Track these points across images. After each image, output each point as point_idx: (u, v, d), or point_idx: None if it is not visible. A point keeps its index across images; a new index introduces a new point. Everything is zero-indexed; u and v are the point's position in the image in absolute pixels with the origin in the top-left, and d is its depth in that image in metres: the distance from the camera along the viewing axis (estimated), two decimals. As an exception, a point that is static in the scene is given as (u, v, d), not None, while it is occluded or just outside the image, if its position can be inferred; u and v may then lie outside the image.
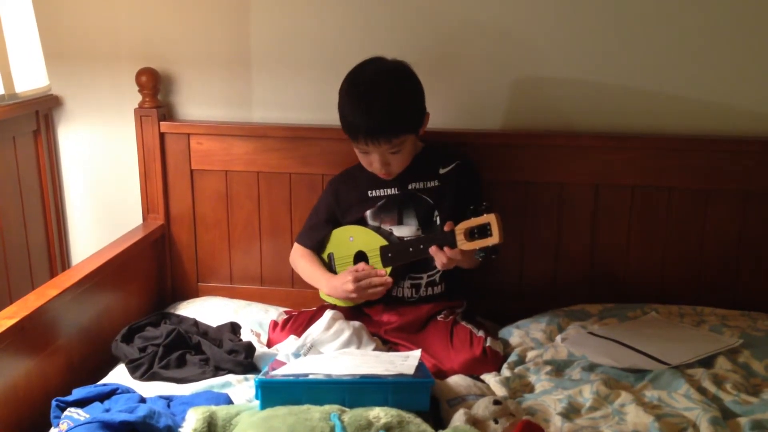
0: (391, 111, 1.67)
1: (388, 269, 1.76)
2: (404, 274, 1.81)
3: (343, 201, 1.87)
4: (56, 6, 2.07)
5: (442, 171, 1.81)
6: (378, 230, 1.81)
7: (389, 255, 1.76)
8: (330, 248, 1.89)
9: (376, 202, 1.82)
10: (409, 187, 1.81)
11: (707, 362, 1.58)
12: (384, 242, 1.77)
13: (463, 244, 1.63)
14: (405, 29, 1.96)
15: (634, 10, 1.88)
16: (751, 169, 1.87)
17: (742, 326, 1.76)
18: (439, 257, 1.66)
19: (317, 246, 1.91)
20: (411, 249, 1.72)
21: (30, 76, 1.59)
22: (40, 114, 2.11)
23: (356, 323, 1.73)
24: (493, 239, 1.59)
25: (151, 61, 2.06)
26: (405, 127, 1.70)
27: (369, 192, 1.83)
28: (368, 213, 1.83)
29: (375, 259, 1.78)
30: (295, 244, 1.95)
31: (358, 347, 1.67)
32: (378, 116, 1.67)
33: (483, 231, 1.60)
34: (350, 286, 1.74)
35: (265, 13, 2.01)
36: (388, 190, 1.82)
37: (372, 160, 1.74)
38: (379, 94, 1.68)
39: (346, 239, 1.85)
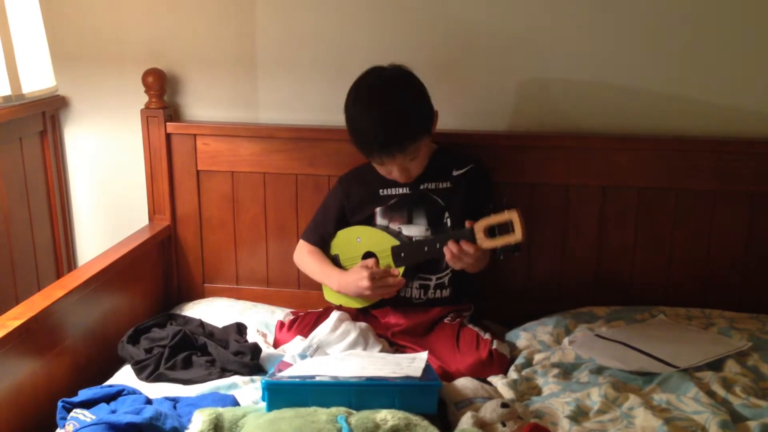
0: (401, 124, 1.67)
1: (401, 270, 1.75)
2: (414, 275, 1.80)
3: (353, 199, 1.86)
4: (63, 7, 2.07)
5: (455, 173, 1.80)
6: (386, 230, 1.80)
7: (402, 255, 1.75)
8: (335, 249, 1.88)
9: (387, 201, 1.82)
10: (421, 186, 1.80)
11: (716, 365, 1.57)
12: (394, 242, 1.76)
13: (484, 242, 1.60)
14: (411, 31, 1.95)
15: (640, 11, 1.88)
16: (759, 170, 1.86)
17: (751, 329, 1.75)
18: (450, 248, 1.63)
19: (323, 244, 1.90)
20: (426, 248, 1.71)
21: (37, 77, 1.59)
22: (47, 115, 2.11)
23: (363, 324, 1.72)
24: (516, 236, 1.56)
25: (158, 62, 2.06)
26: (417, 135, 1.69)
27: (380, 191, 1.83)
28: (378, 210, 1.82)
29: (386, 259, 1.77)
30: (301, 242, 1.95)
31: (365, 349, 1.67)
32: (389, 132, 1.66)
33: (504, 229, 1.58)
34: (366, 283, 1.73)
35: (270, 14, 2.01)
36: (400, 190, 1.81)
37: (391, 170, 1.74)
38: (386, 109, 1.67)
39: (353, 240, 1.84)
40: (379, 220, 1.83)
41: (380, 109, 1.68)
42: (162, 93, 2.05)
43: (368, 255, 1.81)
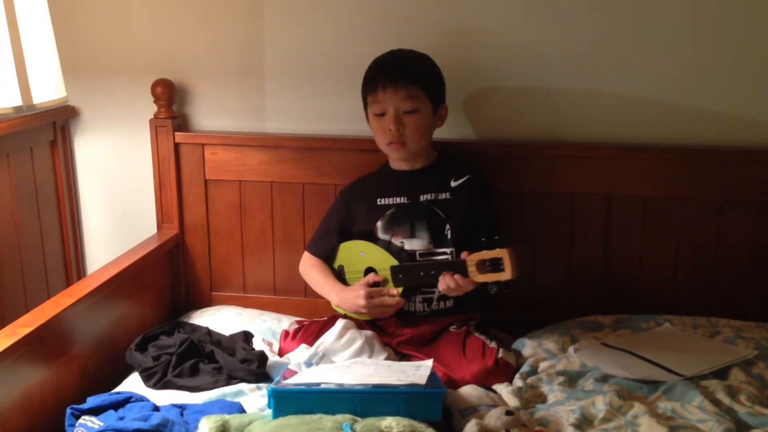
0: (410, 59, 1.77)
1: (399, 289, 1.76)
2: (416, 290, 1.80)
3: (352, 210, 1.87)
4: (73, 18, 2.10)
5: (453, 184, 1.81)
6: (388, 245, 1.80)
7: (400, 276, 1.75)
8: (340, 260, 1.89)
9: (384, 211, 1.82)
10: (421, 198, 1.81)
11: (721, 374, 1.57)
12: (394, 261, 1.76)
13: (475, 276, 1.62)
14: (417, 40, 1.96)
15: (646, 21, 1.88)
16: (764, 179, 1.86)
17: (757, 338, 1.75)
18: (446, 281, 1.65)
19: (327, 256, 1.91)
20: (422, 273, 1.72)
21: (47, 88, 1.61)
22: (57, 125, 2.13)
23: (368, 332, 1.73)
24: (505, 275, 1.58)
25: (167, 73, 2.08)
26: (422, 79, 1.74)
27: (378, 200, 1.83)
28: (379, 224, 1.82)
29: (385, 277, 1.78)
30: (305, 254, 1.96)
31: (370, 356, 1.67)
32: (397, 60, 1.77)
33: (495, 264, 1.60)
34: (362, 302, 1.74)
35: (279, 25, 2.03)
36: (397, 199, 1.82)
37: (386, 122, 1.74)
38: (402, 52, 1.80)
39: (356, 254, 1.84)
40: (381, 235, 1.82)
41: (397, 52, 1.80)
42: (171, 103, 2.07)
43: (370, 270, 1.81)
